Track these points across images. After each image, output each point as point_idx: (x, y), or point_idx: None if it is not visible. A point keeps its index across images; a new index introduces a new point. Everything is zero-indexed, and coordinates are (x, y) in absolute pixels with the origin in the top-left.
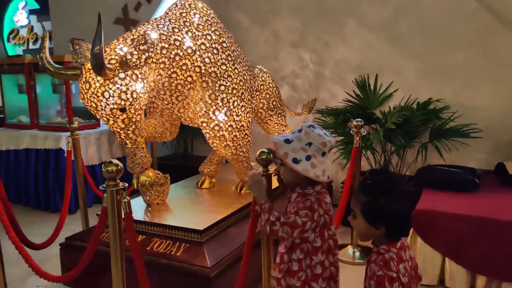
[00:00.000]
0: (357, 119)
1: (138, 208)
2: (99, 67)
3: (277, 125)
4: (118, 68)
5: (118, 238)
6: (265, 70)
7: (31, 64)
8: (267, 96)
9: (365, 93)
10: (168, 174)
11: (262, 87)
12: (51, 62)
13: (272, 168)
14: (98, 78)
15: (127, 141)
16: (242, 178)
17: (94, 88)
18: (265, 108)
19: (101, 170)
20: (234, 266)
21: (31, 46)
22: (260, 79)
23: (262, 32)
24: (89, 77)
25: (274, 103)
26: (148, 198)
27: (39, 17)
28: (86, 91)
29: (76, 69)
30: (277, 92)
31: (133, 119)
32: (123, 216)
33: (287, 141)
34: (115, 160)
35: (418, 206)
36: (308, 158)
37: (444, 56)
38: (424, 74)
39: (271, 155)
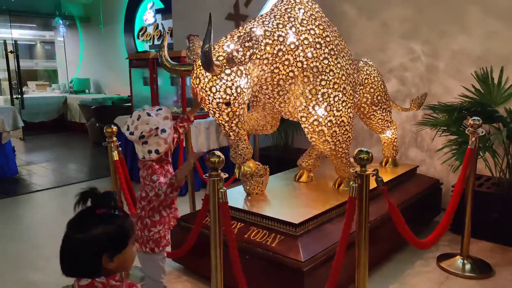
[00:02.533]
0: (474, 118)
1: (238, 196)
2: (207, 64)
3: (381, 121)
4: (225, 64)
5: (217, 224)
6: (370, 63)
7: (154, 59)
8: (371, 90)
9: (487, 87)
10: (267, 166)
11: (366, 81)
12: (168, 59)
13: (370, 168)
14: (207, 74)
15: (231, 133)
16: (341, 174)
17: (203, 83)
18: (368, 103)
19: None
20: (328, 264)
21: (156, 42)
22: (365, 73)
23: (370, 23)
24: (199, 73)
25: (379, 97)
26: (248, 187)
27: (163, 15)
28: (196, 85)
29: (188, 65)
30: (382, 86)
31: (237, 113)
32: None
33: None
34: (218, 152)
35: None
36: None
37: None
38: None
39: (370, 154)
